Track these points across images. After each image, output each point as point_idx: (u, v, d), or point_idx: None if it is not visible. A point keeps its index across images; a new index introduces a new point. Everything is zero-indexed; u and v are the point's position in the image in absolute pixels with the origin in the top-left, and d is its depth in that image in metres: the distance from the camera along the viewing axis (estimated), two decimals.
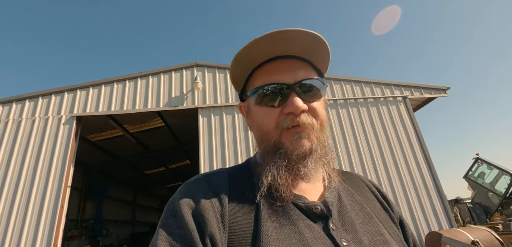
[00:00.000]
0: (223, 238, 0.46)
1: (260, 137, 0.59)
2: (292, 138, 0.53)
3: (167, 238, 0.45)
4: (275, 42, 0.54)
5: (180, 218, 0.47)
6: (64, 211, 5.12)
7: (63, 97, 5.88)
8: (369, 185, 0.67)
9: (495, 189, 9.53)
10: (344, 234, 0.49)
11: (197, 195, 0.50)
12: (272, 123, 0.55)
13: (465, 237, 5.00)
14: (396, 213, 0.62)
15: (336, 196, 0.57)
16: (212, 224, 0.46)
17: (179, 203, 0.49)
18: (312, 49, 0.56)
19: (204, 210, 0.48)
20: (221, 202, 0.50)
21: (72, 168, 5.45)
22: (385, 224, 0.56)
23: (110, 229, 13.19)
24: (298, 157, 0.52)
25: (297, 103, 0.52)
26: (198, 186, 0.53)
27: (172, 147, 10.30)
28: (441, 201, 5.67)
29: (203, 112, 6.04)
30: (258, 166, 0.58)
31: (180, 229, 0.45)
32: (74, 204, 10.67)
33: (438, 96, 7.01)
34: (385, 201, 0.64)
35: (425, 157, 6.06)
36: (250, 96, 0.60)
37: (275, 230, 0.46)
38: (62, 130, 5.57)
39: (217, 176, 0.57)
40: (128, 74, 6.17)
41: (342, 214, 0.53)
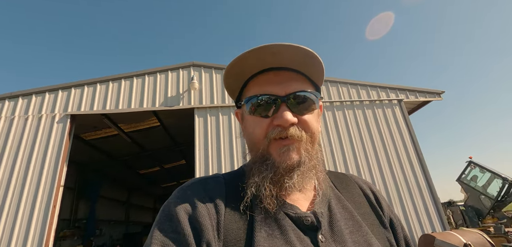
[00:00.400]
0: (218, 246, 0.46)
1: (250, 145, 0.60)
2: (280, 150, 0.53)
3: (161, 241, 0.44)
4: (262, 57, 0.54)
5: (175, 222, 0.46)
6: (57, 210, 5.04)
7: (57, 95, 5.80)
8: (361, 186, 0.67)
9: (487, 192, 9.67)
10: (332, 245, 0.50)
11: (194, 200, 0.50)
12: (261, 133, 0.55)
13: (458, 239, 5.06)
14: (386, 216, 0.62)
15: (326, 206, 0.57)
16: (208, 231, 0.46)
17: (175, 207, 0.49)
18: (305, 61, 0.57)
19: (201, 216, 0.47)
20: (217, 209, 0.50)
21: (65, 167, 5.38)
22: (374, 230, 0.57)
23: (103, 229, 13.05)
24: (285, 170, 0.53)
25: (286, 116, 0.52)
26: (194, 191, 0.52)
27: (167, 147, 10.24)
28: (435, 203, 5.74)
29: (199, 112, 6.01)
30: (248, 175, 0.59)
31: (176, 234, 0.45)
32: (66, 203, 10.53)
33: (433, 99, 7.10)
34: (376, 202, 0.64)
35: (419, 160, 6.12)
36: (244, 104, 0.60)
37: (267, 240, 0.47)
38: (56, 129, 5.49)
39: (213, 181, 0.57)
40: (124, 73, 6.12)
41: (332, 225, 0.54)
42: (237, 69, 0.57)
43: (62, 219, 10.22)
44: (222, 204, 0.51)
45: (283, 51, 0.54)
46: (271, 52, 0.54)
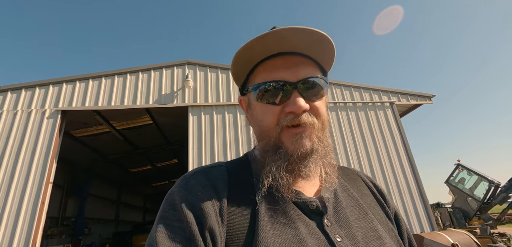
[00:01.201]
0: (222, 232, 0.46)
1: (260, 133, 0.58)
2: (293, 138, 0.53)
3: (166, 230, 0.44)
4: (270, 42, 0.53)
5: (179, 211, 0.47)
6: (45, 208, 4.93)
7: (48, 90, 5.67)
8: (365, 180, 0.68)
9: (474, 195, 9.95)
10: (338, 230, 0.50)
11: (196, 189, 0.50)
12: (273, 120, 0.54)
13: (445, 239, 5.19)
14: (391, 208, 0.63)
15: (332, 193, 0.57)
16: (211, 217, 0.46)
17: (178, 196, 0.49)
18: (315, 46, 0.55)
19: (204, 203, 0.48)
20: (220, 197, 0.50)
21: (55, 164, 5.27)
22: (380, 220, 0.57)
23: (92, 227, 12.81)
24: (299, 158, 0.52)
25: (299, 103, 0.51)
26: (197, 180, 0.52)
27: (160, 145, 10.13)
28: (424, 204, 5.87)
29: (193, 111, 5.98)
30: (258, 163, 0.58)
31: (179, 222, 0.45)
32: (55, 201, 10.30)
33: (424, 103, 7.26)
34: (381, 196, 0.65)
35: (410, 162, 6.24)
36: (251, 91, 0.59)
37: (271, 225, 0.47)
38: (46, 124, 5.37)
39: (216, 170, 0.57)
40: (117, 69, 6.03)
41: (337, 211, 0.54)
42: (244, 56, 0.56)
43: (50, 217, 9.99)
44: (225, 191, 0.51)
45: (290, 36, 0.52)
46: (279, 37, 0.52)
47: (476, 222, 9.64)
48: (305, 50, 0.56)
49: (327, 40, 0.54)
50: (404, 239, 0.59)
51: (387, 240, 0.52)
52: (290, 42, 0.53)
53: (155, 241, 0.43)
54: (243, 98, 0.65)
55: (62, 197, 10.83)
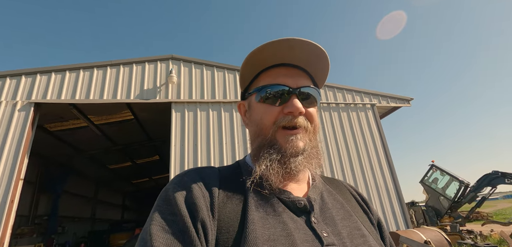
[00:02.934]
0: (212, 225, 0.49)
1: (257, 131, 0.62)
2: (287, 138, 0.58)
3: (160, 223, 0.47)
4: (279, 48, 0.59)
5: (173, 205, 0.49)
6: (15, 206, 4.65)
7: (20, 80, 5.33)
8: (349, 189, 0.73)
9: (445, 194, 10.51)
10: (324, 227, 0.54)
11: (189, 185, 0.53)
12: (271, 119, 0.59)
13: (419, 237, 5.46)
14: (375, 216, 0.67)
15: (318, 195, 0.61)
16: (203, 211, 0.49)
17: (172, 192, 0.52)
18: (313, 62, 0.63)
19: (196, 198, 0.50)
20: (211, 193, 0.53)
21: (26, 159, 4.97)
22: (363, 222, 0.61)
23: (67, 226, 12.27)
24: (291, 154, 0.57)
25: (297, 104, 0.58)
26: (190, 178, 0.55)
27: (140, 142, 9.85)
28: (400, 203, 6.12)
29: (176, 107, 5.86)
30: (252, 160, 0.63)
31: (173, 215, 0.48)
32: (26, 198, 9.73)
33: (402, 105, 7.56)
34: (364, 203, 0.69)
35: (388, 162, 6.49)
36: (253, 93, 0.64)
37: (261, 219, 0.50)
38: (17, 117, 5.05)
39: (208, 170, 0.60)
40: (97, 62, 5.78)
41: (324, 211, 0.58)
42: (255, 59, 0.62)
43: (20, 215, 9.44)
44: (216, 188, 0.55)
45: (297, 46, 0.59)
46: (288, 46, 0.59)
47: (447, 220, 10.20)
48: (304, 65, 0.64)
49: (324, 56, 0.62)
50: (386, 244, 0.63)
51: (370, 239, 0.56)
52: (295, 53, 0.61)
53: (150, 233, 0.46)
54: (243, 103, 0.71)
55: (34, 194, 10.26)
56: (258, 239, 0.46)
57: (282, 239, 0.47)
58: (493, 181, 9.80)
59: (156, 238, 0.45)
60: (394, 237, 5.19)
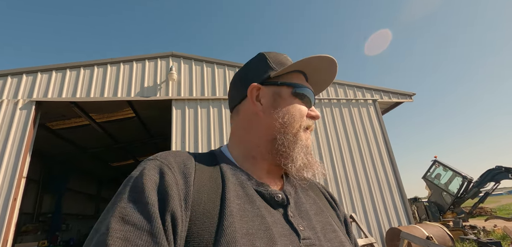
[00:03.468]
0: (184, 216, 0.45)
1: (282, 123, 0.61)
2: (308, 136, 0.65)
3: (120, 212, 0.41)
4: (320, 62, 0.65)
5: (139, 192, 0.44)
6: (18, 204, 4.69)
7: (21, 79, 5.35)
8: (319, 187, 0.75)
9: (448, 189, 10.45)
10: (300, 221, 0.54)
11: (162, 170, 0.48)
12: (302, 117, 0.63)
13: (421, 232, 5.44)
14: (341, 212, 0.71)
15: (293, 189, 0.62)
16: (174, 200, 0.44)
17: (140, 177, 0.46)
18: (321, 83, 0.72)
19: (168, 185, 0.46)
20: (185, 180, 0.49)
21: (28, 158, 5.01)
22: (333, 218, 0.64)
23: (71, 223, 12.39)
24: (310, 152, 0.63)
25: (319, 114, 0.67)
26: (163, 162, 0.50)
27: (142, 139, 9.89)
28: (402, 199, 6.09)
29: (177, 104, 5.86)
30: (225, 159, 0.61)
31: (138, 204, 0.42)
32: (30, 196, 9.84)
33: (404, 101, 7.50)
34: (333, 201, 0.72)
35: (390, 158, 6.45)
36: (288, 86, 0.64)
37: (239, 212, 0.48)
38: (19, 116, 5.08)
39: (183, 154, 0.56)
40: (97, 60, 5.79)
41: (298, 205, 0.59)
42: (302, 61, 0.63)
43: (25, 213, 9.55)
44: (191, 175, 0.51)
45: (328, 70, 0.68)
46: (328, 62, 0.65)
47: (450, 216, 10.15)
48: (317, 83, 0.72)
49: (327, 85, 0.73)
50: (351, 240, 0.66)
51: (340, 234, 0.59)
52: (321, 76, 0.69)
53: (107, 225, 0.40)
54: (261, 87, 0.65)
55: (37, 192, 10.37)
56: (237, 233, 0.44)
57: (260, 233, 0.46)
58: (497, 176, 9.73)
59: (113, 232, 0.39)
60: (395, 233, 5.17)
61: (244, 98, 0.66)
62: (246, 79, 0.67)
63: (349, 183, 5.95)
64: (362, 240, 3.66)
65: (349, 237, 0.66)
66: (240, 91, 0.67)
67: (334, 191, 5.80)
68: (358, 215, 5.68)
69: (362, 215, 5.72)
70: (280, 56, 0.68)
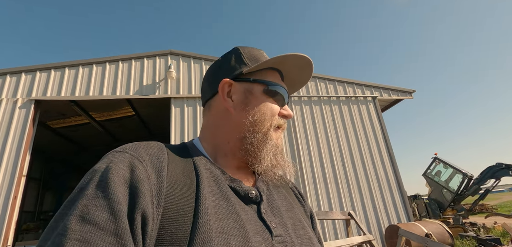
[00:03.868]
0: (155, 214, 0.42)
1: (252, 122, 0.59)
2: (279, 135, 0.64)
3: (81, 210, 0.37)
4: (295, 60, 0.64)
5: (105, 188, 0.39)
6: (18, 202, 4.72)
7: (20, 78, 5.37)
8: (288, 182, 0.76)
9: (449, 187, 10.43)
10: (272, 218, 0.55)
11: (132, 162, 0.44)
12: (273, 116, 0.62)
13: (420, 229, 5.43)
14: (308, 208, 0.73)
15: (265, 185, 0.62)
16: (145, 197, 0.41)
17: (107, 171, 0.42)
18: (296, 85, 0.73)
19: (138, 181, 0.42)
20: (158, 175, 0.46)
21: (28, 156, 5.03)
22: (301, 214, 0.66)
23: None
24: (280, 151, 0.63)
25: (291, 113, 0.66)
26: (131, 155, 0.46)
27: (143, 137, 9.91)
28: (401, 196, 6.09)
29: (176, 102, 5.86)
30: (198, 149, 0.61)
31: (103, 201, 0.38)
32: (31, 195, 9.89)
33: (404, 98, 7.47)
34: (301, 197, 0.74)
35: (390, 155, 6.44)
36: (261, 83, 0.62)
37: (214, 209, 0.47)
38: (18, 114, 5.10)
39: (154, 145, 0.53)
40: (95, 58, 5.79)
41: (270, 201, 0.59)
42: (276, 58, 0.62)
43: (26, 211, 9.61)
44: (164, 169, 0.48)
45: (304, 70, 0.67)
46: (299, 67, 0.66)
47: (450, 213, 10.14)
48: (293, 82, 0.71)
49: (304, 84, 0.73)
50: (316, 234, 0.68)
51: (309, 230, 0.60)
52: (300, 73, 0.68)
53: (64, 224, 0.36)
54: (232, 83, 0.62)
55: (39, 190, 10.43)
56: (212, 231, 0.43)
57: (235, 231, 0.45)
58: (497, 173, 9.70)
59: (71, 232, 0.35)
60: (394, 230, 5.18)
61: (216, 93, 0.63)
62: (219, 74, 0.64)
63: (349, 181, 5.95)
64: (360, 237, 3.66)
65: (314, 232, 0.67)
66: (212, 86, 0.65)
67: (333, 189, 5.80)
68: (358, 213, 5.68)
69: (362, 213, 5.72)
70: (254, 52, 0.66)
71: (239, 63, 0.63)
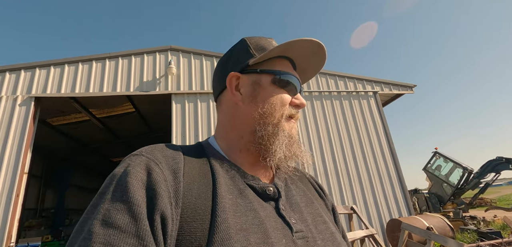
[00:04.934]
0: (174, 214, 0.43)
1: (262, 114, 0.58)
2: (292, 125, 0.62)
3: (103, 214, 0.38)
4: (307, 46, 0.61)
5: (123, 191, 0.41)
6: (20, 199, 4.72)
7: (20, 75, 5.34)
8: (308, 177, 0.74)
9: (449, 181, 10.46)
10: (292, 214, 0.54)
11: (149, 166, 0.46)
12: (284, 105, 0.60)
13: (421, 223, 5.46)
14: (329, 202, 0.71)
15: (283, 181, 0.61)
16: (163, 199, 0.42)
17: (125, 174, 0.43)
18: (308, 74, 0.69)
19: (156, 183, 0.43)
20: (175, 176, 0.47)
21: (29, 154, 5.02)
22: (322, 208, 0.64)
23: (74, 218, 12.51)
24: (295, 141, 0.60)
25: (304, 101, 0.64)
26: (148, 157, 0.48)
27: (143, 134, 9.91)
28: (403, 190, 6.10)
29: (176, 98, 5.84)
30: (214, 148, 0.61)
31: (124, 204, 0.39)
32: (32, 192, 9.91)
33: (405, 92, 7.46)
34: (321, 190, 0.72)
35: (391, 150, 6.44)
36: (269, 73, 0.60)
37: (232, 206, 0.47)
38: (18, 112, 5.08)
39: (170, 148, 0.54)
40: (95, 54, 5.75)
41: (289, 197, 0.58)
42: (284, 45, 0.59)
43: (28, 208, 9.63)
44: (180, 170, 0.49)
45: (317, 56, 0.64)
46: (312, 52, 0.63)
47: (450, 207, 10.19)
48: (304, 70, 0.68)
49: (318, 71, 0.68)
50: (339, 229, 0.66)
51: (330, 225, 0.59)
52: (312, 61, 0.65)
53: (88, 228, 0.37)
54: (240, 75, 0.61)
55: (40, 187, 10.45)
56: (231, 229, 0.43)
57: (254, 228, 0.45)
58: (497, 167, 9.73)
59: (95, 236, 0.36)
60: (396, 224, 5.20)
61: (225, 87, 0.62)
62: (226, 68, 0.63)
63: (350, 175, 5.96)
64: (363, 231, 3.67)
65: (337, 225, 0.66)
66: (221, 81, 0.64)
67: (334, 183, 5.82)
68: (359, 207, 5.70)
69: (363, 207, 5.74)
70: (262, 41, 0.63)
71: (246, 54, 0.62)
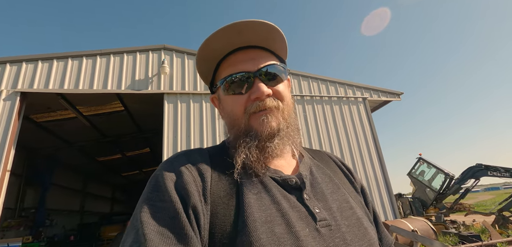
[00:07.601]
0: (205, 210, 0.48)
1: (231, 123, 0.62)
2: (260, 119, 0.58)
3: (150, 210, 0.46)
4: (229, 35, 0.58)
5: (162, 191, 0.48)
6: (1, 198, 4.52)
7: (5, 68, 5.13)
8: (335, 160, 0.75)
9: (431, 186, 10.83)
10: (316, 203, 0.55)
11: (179, 169, 0.52)
12: (240, 109, 0.59)
13: (407, 226, 5.64)
14: (358, 183, 0.71)
15: (308, 170, 0.62)
16: (194, 196, 0.48)
17: (162, 177, 0.51)
18: (269, 37, 0.61)
19: (186, 183, 0.49)
20: (202, 177, 0.53)
21: (13, 151, 4.82)
22: (350, 193, 0.64)
23: (55, 219, 12.03)
24: (266, 137, 0.58)
25: (262, 88, 0.57)
26: (179, 162, 0.54)
27: (131, 133, 9.69)
28: (389, 195, 6.29)
29: (169, 98, 5.78)
30: (231, 149, 0.62)
31: (163, 202, 0.47)
32: (12, 191, 9.45)
33: (393, 99, 7.70)
34: (349, 173, 0.73)
35: (378, 155, 6.63)
36: (219, 86, 0.63)
37: (256, 201, 0.50)
38: (2, 107, 4.87)
39: (197, 152, 0.60)
40: (86, 51, 5.61)
41: (314, 186, 0.59)
42: (207, 52, 0.60)
43: (6, 208, 9.18)
44: (208, 172, 0.54)
45: (247, 29, 0.58)
46: (237, 31, 0.57)
47: (432, 211, 10.54)
48: (261, 42, 0.62)
49: (276, 30, 0.60)
50: (369, 209, 0.67)
51: (357, 210, 0.59)
52: (246, 36, 0.59)
53: (140, 221, 0.45)
54: (214, 96, 0.69)
55: (20, 186, 9.99)
56: (257, 222, 0.47)
57: (278, 220, 0.48)
58: (477, 173, 10.15)
59: (147, 225, 0.44)
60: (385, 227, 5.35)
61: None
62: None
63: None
64: None
65: (367, 206, 0.67)
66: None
67: None
68: None
69: None
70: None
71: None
